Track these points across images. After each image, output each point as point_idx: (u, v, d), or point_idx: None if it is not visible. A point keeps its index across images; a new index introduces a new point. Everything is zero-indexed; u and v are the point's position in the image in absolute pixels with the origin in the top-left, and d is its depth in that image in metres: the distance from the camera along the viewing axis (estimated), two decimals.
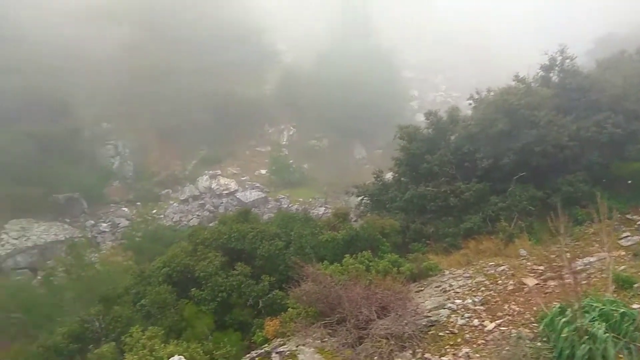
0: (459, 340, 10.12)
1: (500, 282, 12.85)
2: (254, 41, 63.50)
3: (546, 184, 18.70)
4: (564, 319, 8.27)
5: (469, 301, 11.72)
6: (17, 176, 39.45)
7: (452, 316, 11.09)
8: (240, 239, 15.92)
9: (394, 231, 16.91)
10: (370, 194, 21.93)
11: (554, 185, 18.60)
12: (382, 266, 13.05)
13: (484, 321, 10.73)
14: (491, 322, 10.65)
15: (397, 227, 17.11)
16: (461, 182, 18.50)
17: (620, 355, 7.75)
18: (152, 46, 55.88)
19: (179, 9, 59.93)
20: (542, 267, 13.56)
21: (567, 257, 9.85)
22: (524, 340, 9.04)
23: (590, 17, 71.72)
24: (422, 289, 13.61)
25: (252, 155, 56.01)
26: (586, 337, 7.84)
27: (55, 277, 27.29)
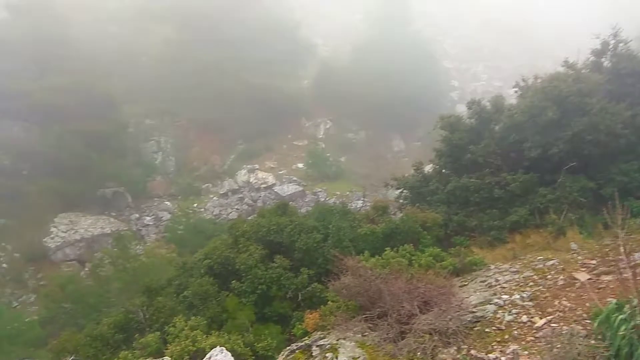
0: (507, 336, 9.69)
1: (549, 277, 12.22)
2: (291, 36, 63.59)
3: (598, 174, 17.77)
4: (622, 316, 7.73)
5: (517, 297, 11.20)
6: (66, 172, 41.18)
7: (499, 312, 10.60)
8: (278, 232, 15.92)
9: (436, 224, 16.50)
10: (410, 186, 21.43)
11: (607, 175, 17.67)
12: (425, 261, 12.70)
13: (533, 317, 10.20)
14: (541, 318, 10.11)
15: (439, 220, 16.68)
16: (507, 173, 17.81)
17: None
18: (193, 44, 56.97)
19: (217, 6, 60.73)
20: (594, 262, 12.81)
21: (624, 250, 9.25)
22: (577, 337, 8.53)
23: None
24: (466, 283, 13.17)
25: (289, 149, 56.28)
26: None
27: (101, 268, 28.33)
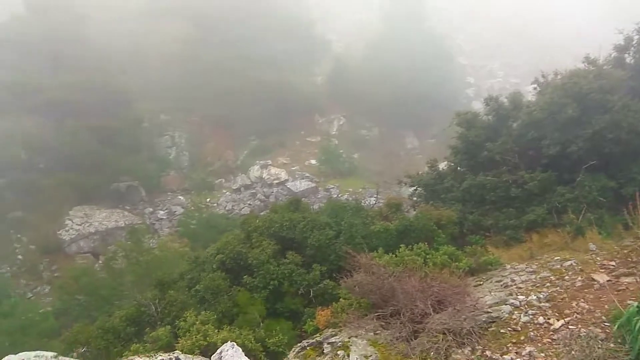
0: (523, 338, 9.44)
1: (567, 277, 11.90)
2: (305, 32, 63.48)
3: (619, 173, 17.31)
4: None
5: (533, 297, 10.91)
6: (81, 166, 41.71)
7: (515, 313, 10.34)
8: (291, 228, 15.81)
9: (451, 222, 16.24)
10: (424, 184, 21.15)
11: (628, 174, 17.20)
12: (440, 259, 12.48)
13: (549, 319, 9.93)
14: (558, 320, 9.82)
15: (454, 217, 16.41)
16: (524, 171, 17.45)
17: None
18: (207, 41, 57.21)
19: (231, 3, 60.82)
20: (614, 263, 12.45)
21: None
22: (596, 341, 8.28)
23: None
24: (481, 283, 12.91)
25: (302, 145, 56.21)
26: None
27: (115, 261, 28.60)
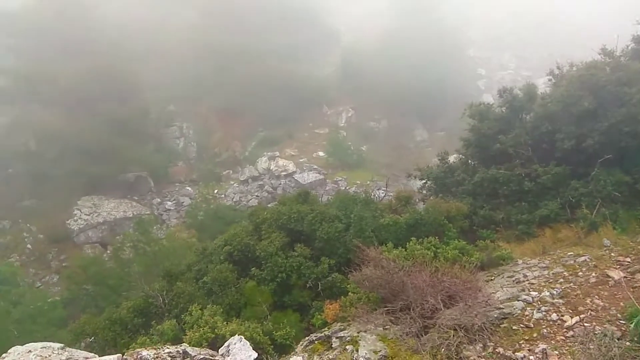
0: (535, 335, 9.25)
1: (580, 273, 11.68)
2: (315, 23, 62.92)
3: (635, 167, 16.79)
4: None
5: (546, 293, 10.71)
6: (90, 155, 41.72)
7: (527, 309, 10.15)
8: (299, 220, 15.66)
9: (461, 214, 15.98)
10: (434, 177, 20.84)
11: None
12: (451, 254, 12.25)
13: (563, 316, 9.73)
14: (571, 317, 9.63)
15: (465, 210, 16.14)
16: (538, 164, 17.06)
17: None
18: (217, 29, 56.82)
19: None
20: (629, 259, 12.20)
21: None
22: (612, 339, 8.06)
23: None
24: (492, 278, 12.69)
25: (310, 137, 55.99)
26: None
27: (123, 251, 28.67)
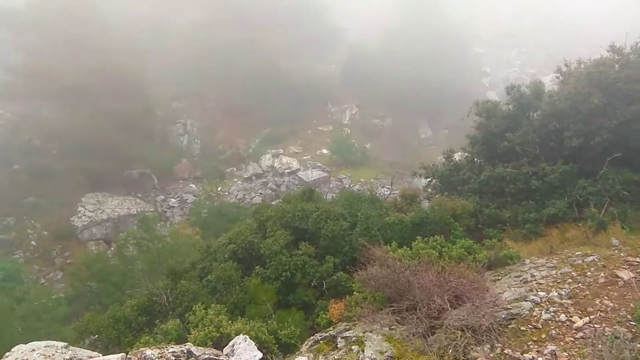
0: (544, 336, 9.15)
1: (589, 273, 11.54)
2: (320, 19, 62.80)
3: None
4: None
5: (555, 294, 10.59)
6: (94, 152, 41.75)
7: (535, 309, 10.05)
8: (304, 218, 15.53)
9: (466, 212, 15.83)
10: (439, 175, 20.67)
11: None
12: (456, 253, 12.12)
13: (572, 317, 9.62)
14: (580, 318, 9.52)
15: (471, 208, 15.99)
16: (545, 163, 16.88)
17: None
18: (221, 25, 56.67)
19: None
20: (638, 259, 12.06)
21: None
22: (623, 341, 7.94)
23: None
24: (499, 278, 12.56)
25: (314, 134, 55.84)
26: None
27: (127, 249, 28.66)
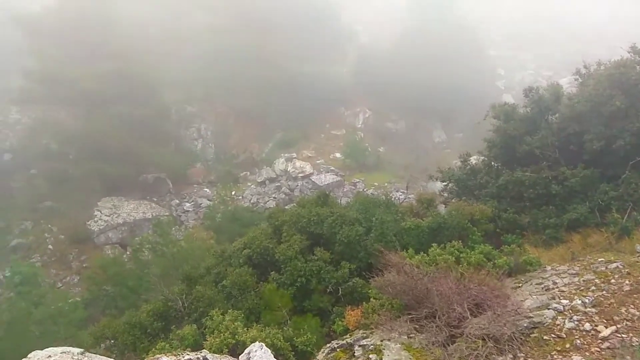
0: (568, 346, 8.84)
1: (613, 281, 11.18)
2: (331, 22, 62.57)
3: None
4: None
5: (578, 302, 10.25)
6: (110, 156, 42.06)
7: (559, 318, 9.72)
8: (319, 223, 15.36)
9: (485, 217, 15.54)
10: (456, 179, 20.37)
11: None
12: (475, 259, 11.85)
13: (597, 326, 9.28)
14: (606, 327, 9.19)
15: (489, 213, 15.70)
16: (565, 167, 16.55)
17: None
18: (234, 29, 56.83)
19: None
20: None
21: None
22: None
23: None
24: (520, 285, 12.25)
25: (327, 138, 55.71)
26: None
27: (142, 253, 28.79)
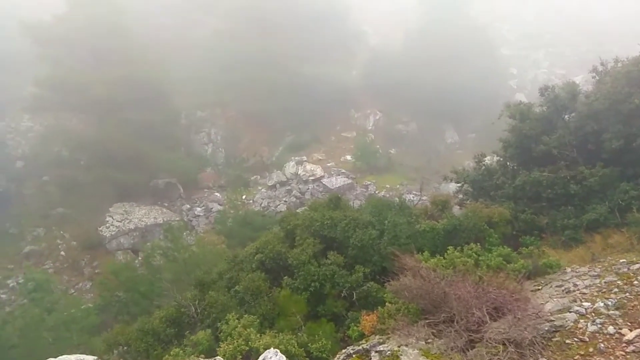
0: (591, 350, 8.55)
1: (636, 282, 10.86)
2: (340, 23, 62.37)
3: None
4: None
5: (600, 304, 9.95)
6: (121, 162, 42.28)
7: (581, 321, 9.43)
8: (332, 227, 15.17)
9: (503, 219, 15.22)
10: (471, 180, 20.02)
11: None
12: (494, 262, 11.57)
13: (621, 329, 8.98)
14: (630, 330, 8.88)
15: (507, 215, 15.38)
16: (584, 166, 16.18)
17: None
18: (242, 34, 56.97)
19: None
20: None
21: None
22: None
23: None
24: (540, 288, 11.96)
25: (337, 140, 55.48)
26: None
27: (154, 258, 28.79)
